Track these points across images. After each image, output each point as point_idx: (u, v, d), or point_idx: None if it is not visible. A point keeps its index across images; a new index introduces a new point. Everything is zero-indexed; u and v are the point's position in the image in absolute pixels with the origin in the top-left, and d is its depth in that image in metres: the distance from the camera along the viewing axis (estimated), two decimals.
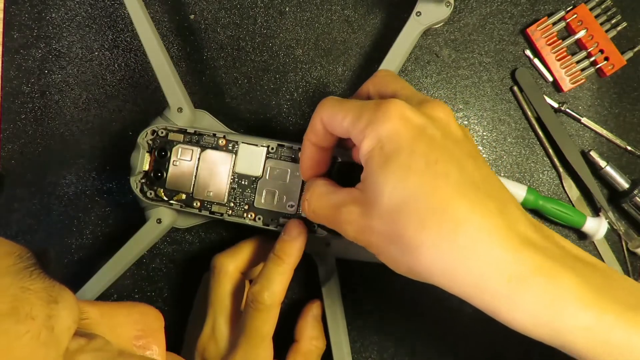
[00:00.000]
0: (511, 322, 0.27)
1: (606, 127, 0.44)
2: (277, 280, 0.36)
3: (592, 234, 0.43)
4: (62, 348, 0.21)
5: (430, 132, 0.29)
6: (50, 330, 0.21)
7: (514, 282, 0.26)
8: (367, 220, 0.29)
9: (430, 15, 0.41)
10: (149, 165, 0.39)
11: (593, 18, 0.44)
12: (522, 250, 0.27)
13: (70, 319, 0.22)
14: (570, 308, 0.26)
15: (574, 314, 0.26)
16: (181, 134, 0.39)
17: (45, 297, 0.21)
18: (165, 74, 0.40)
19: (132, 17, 0.40)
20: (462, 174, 0.28)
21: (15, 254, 0.22)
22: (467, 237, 0.26)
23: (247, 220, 0.39)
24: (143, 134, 0.39)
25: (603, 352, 0.26)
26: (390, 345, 0.44)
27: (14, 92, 0.45)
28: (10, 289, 0.20)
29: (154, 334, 0.27)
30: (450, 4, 0.41)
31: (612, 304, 0.26)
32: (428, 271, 0.27)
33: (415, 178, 0.27)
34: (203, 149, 0.39)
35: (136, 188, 0.39)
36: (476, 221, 0.27)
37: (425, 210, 0.27)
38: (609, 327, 0.26)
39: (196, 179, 0.39)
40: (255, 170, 0.39)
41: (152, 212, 0.40)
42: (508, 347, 0.43)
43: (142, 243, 0.40)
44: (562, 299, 0.26)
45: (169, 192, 0.39)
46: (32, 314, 0.20)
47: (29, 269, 0.21)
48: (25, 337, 0.20)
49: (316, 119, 0.33)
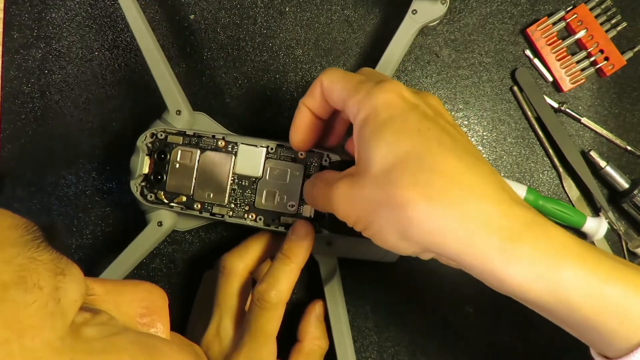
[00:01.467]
0: (506, 279, 0.26)
1: (606, 127, 0.44)
2: (283, 279, 0.36)
3: (592, 234, 0.43)
4: (69, 320, 0.21)
5: (423, 109, 0.30)
6: (57, 301, 0.21)
7: (507, 236, 0.26)
8: (356, 189, 0.29)
9: (426, 13, 0.41)
10: (149, 168, 0.39)
11: (593, 18, 0.44)
12: (514, 207, 0.27)
13: (77, 292, 0.22)
14: (565, 260, 0.26)
15: (569, 265, 0.26)
16: (180, 136, 0.39)
17: (53, 268, 0.21)
18: (163, 77, 0.40)
19: (129, 22, 0.40)
20: (454, 141, 0.28)
21: (22, 226, 0.22)
22: (460, 193, 0.27)
23: (248, 221, 0.39)
24: (142, 137, 0.39)
25: (598, 306, 0.26)
26: (390, 345, 0.44)
27: (14, 92, 0.45)
28: (18, 259, 0.20)
29: (158, 311, 0.27)
30: (445, 2, 0.41)
31: (604, 258, 0.26)
32: (416, 229, 0.27)
33: (408, 141, 0.28)
34: (202, 150, 0.39)
35: (136, 191, 0.39)
36: (469, 179, 0.27)
37: (418, 170, 0.27)
38: (603, 280, 0.26)
39: (196, 181, 0.39)
40: (255, 171, 0.39)
41: (152, 215, 0.40)
42: (508, 347, 0.43)
43: (143, 247, 0.40)
44: (557, 251, 0.26)
45: (170, 194, 0.39)
46: (40, 284, 0.20)
47: (36, 240, 0.21)
48: (32, 306, 0.20)
49: (316, 85, 0.33)
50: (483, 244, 0.26)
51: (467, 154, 0.28)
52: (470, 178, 0.27)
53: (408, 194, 0.27)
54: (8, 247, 0.20)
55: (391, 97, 0.29)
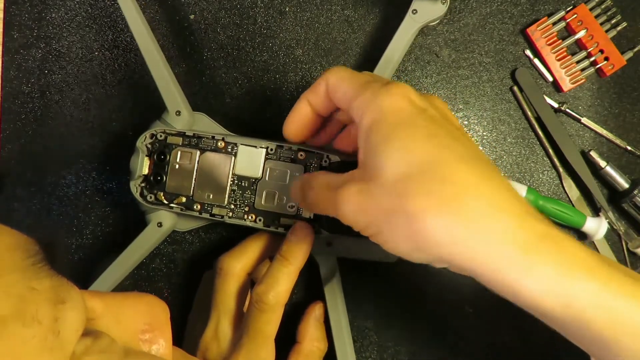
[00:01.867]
0: (520, 291, 0.26)
1: (606, 127, 0.44)
2: (282, 281, 0.36)
3: (592, 234, 0.43)
4: (69, 352, 0.21)
5: (431, 113, 0.30)
6: (56, 334, 0.20)
7: (522, 249, 0.26)
8: (367, 196, 0.29)
9: (426, 12, 0.41)
10: (149, 169, 0.39)
11: (593, 18, 0.44)
12: (529, 219, 0.27)
13: (77, 321, 0.21)
14: (578, 273, 0.26)
15: (582, 278, 0.26)
16: (180, 137, 0.39)
17: (53, 297, 0.20)
18: (163, 77, 0.40)
19: (128, 23, 0.40)
20: (465, 148, 0.28)
21: (23, 247, 0.21)
22: (474, 204, 0.26)
23: (248, 222, 0.39)
24: (142, 138, 0.39)
25: (609, 321, 0.26)
26: (391, 346, 0.44)
27: (14, 92, 0.45)
28: (16, 288, 0.19)
29: (160, 327, 0.27)
30: (446, 2, 0.41)
31: (615, 271, 0.26)
32: (431, 240, 0.27)
33: (419, 149, 0.28)
34: (202, 151, 0.39)
35: (136, 192, 0.39)
36: (483, 190, 0.27)
37: (431, 179, 0.27)
38: (614, 294, 0.26)
39: (196, 182, 0.39)
40: (255, 171, 0.39)
41: (152, 216, 0.40)
42: (508, 347, 0.43)
43: (142, 247, 0.40)
44: (570, 265, 0.26)
45: (169, 195, 0.39)
46: (39, 317, 0.20)
47: (36, 265, 0.21)
48: (31, 342, 0.19)
49: (321, 81, 0.33)
50: (498, 257, 0.26)
51: (479, 163, 0.28)
52: (484, 189, 0.27)
53: (422, 205, 0.26)
54: (7, 274, 0.20)
55: (399, 100, 0.29)
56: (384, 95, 0.29)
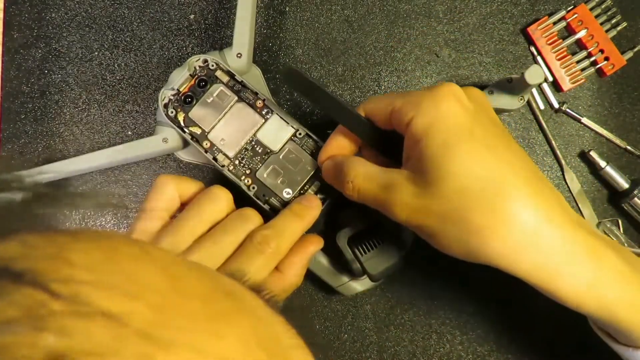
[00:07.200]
0: (567, 296, 0.30)
1: (606, 127, 0.44)
2: (288, 233, 0.35)
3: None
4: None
5: (481, 117, 0.31)
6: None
7: (571, 260, 0.29)
8: (423, 200, 0.30)
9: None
10: (186, 88, 0.39)
11: (593, 18, 0.44)
12: (578, 231, 0.30)
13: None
14: (615, 284, 0.29)
15: (618, 288, 0.29)
16: (229, 76, 0.40)
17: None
18: (246, 16, 0.40)
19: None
20: (522, 163, 0.30)
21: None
22: (531, 220, 0.29)
23: (242, 183, 0.39)
24: (195, 57, 0.39)
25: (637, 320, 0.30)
26: (391, 346, 0.44)
27: (14, 92, 0.45)
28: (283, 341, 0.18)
29: None
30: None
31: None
32: (491, 253, 0.29)
33: (480, 165, 0.29)
34: (240, 100, 0.39)
35: (162, 100, 0.39)
36: (540, 206, 0.29)
37: (494, 195, 0.29)
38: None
39: (218, 122, 0.39)
40: (275, 144, 0.39)
41: (161, 129, 0.41)
42: (508, 347, 0.43)
43: (138, 149, 0.40)
44: (611, 277, 0.30)
45: (189, 120, 0.39)
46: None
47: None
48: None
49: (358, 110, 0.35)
50: (550, 267, 0.29)
51: (534, 177, 0.30)
52: (541, 203, 0.29)
53: (482, 222, 0.29)
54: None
55: (453, 104, 0.30)
56: (436, 99, 0.30)
